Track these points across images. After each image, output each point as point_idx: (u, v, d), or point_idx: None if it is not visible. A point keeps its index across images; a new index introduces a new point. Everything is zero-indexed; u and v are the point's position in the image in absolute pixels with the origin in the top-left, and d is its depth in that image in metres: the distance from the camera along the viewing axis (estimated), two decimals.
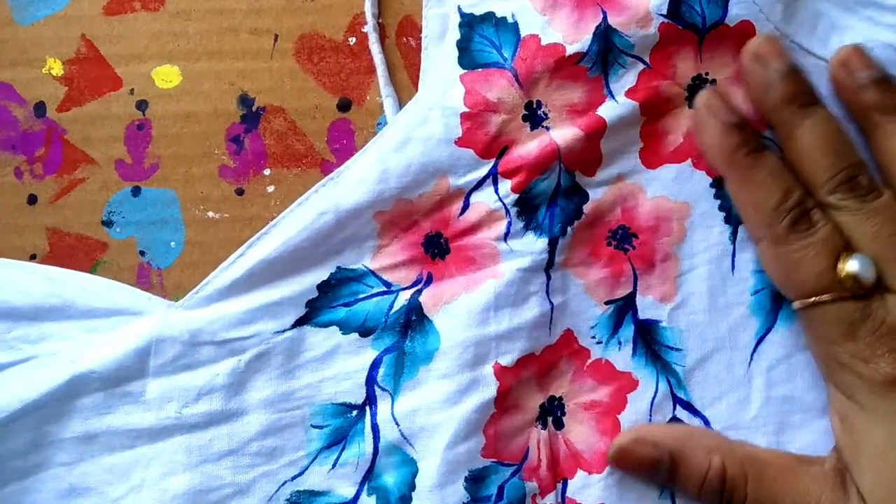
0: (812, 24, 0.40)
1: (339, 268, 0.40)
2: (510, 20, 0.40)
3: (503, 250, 0.40)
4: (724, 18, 0.39)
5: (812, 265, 0.37)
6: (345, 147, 0.42)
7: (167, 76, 0.42)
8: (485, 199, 0.40)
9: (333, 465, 0.40)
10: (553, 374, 0.40)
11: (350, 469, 0.40)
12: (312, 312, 0.40)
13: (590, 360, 0.40)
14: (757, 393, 0.40)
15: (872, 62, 0.38)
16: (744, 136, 0.38)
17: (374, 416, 0.40)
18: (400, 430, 0.39)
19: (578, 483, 0.40)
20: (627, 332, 0.40)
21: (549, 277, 0.40)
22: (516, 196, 0.40)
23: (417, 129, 0.40)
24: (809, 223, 0.37)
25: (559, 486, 0.40)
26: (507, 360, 0.39)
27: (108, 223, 0.42)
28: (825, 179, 0.37)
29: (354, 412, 0.40)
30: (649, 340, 0.40)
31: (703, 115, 0.39)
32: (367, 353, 0.40)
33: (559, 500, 0.40)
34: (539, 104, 0.40)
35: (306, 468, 0.40)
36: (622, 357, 0.40)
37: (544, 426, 0.40)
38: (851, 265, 0.36)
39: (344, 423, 0.40)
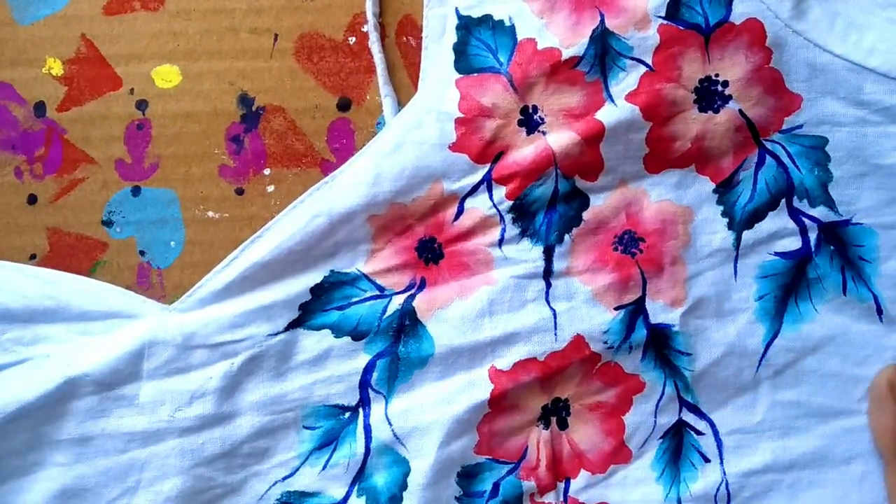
0: (829, 22, 0.40)
1: (332, 271, 0.40)
2: (507, 23, 0.39)
3: (497, 257, 0.40)
4: (729, 17, 0.39)
5: None
6: (344, 146, 0.42)
7: (167, 76, 0.42)
8: (479, 205, 0.40)
9: (324, 467, 0.40)
10: (560, 378, 0.40)
11: (340, 470, 0.40)
12: (305, 315, 0.40)
13: (599, 364, 0.40)
14: (763, 397, 0.40)
15: None
16: None
17: (367, 417, 0.40)
18: (392, 430, 0.40)
19: (581, 483, 0.40)
20: (640, 336, 0.40)
21: (549, 284, 0.40)
22: (511, 203, 0.39)
23: (412, 134, 0.39)
24: None
25: (561, 485, 0.40)
26: (503, 363, 0.39)
27: (108, 223, 0.42)
28: None
29: (347, 413, 0.40)
30: (661, 345, 0.40)
31: (882, 393, 0.38)
32: (360, 358, 0.40)
33: (561, 499, 0.40)
34: (535, 109, 0.39)
35: (297, 469, 0.40)
36: (631, 360, 0.40)
37: (546, 426, 0.40)
38: None
39: (336, 425, 0.40)
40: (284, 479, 0.40)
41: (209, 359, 0.39)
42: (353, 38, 0.42)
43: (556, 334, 0.40)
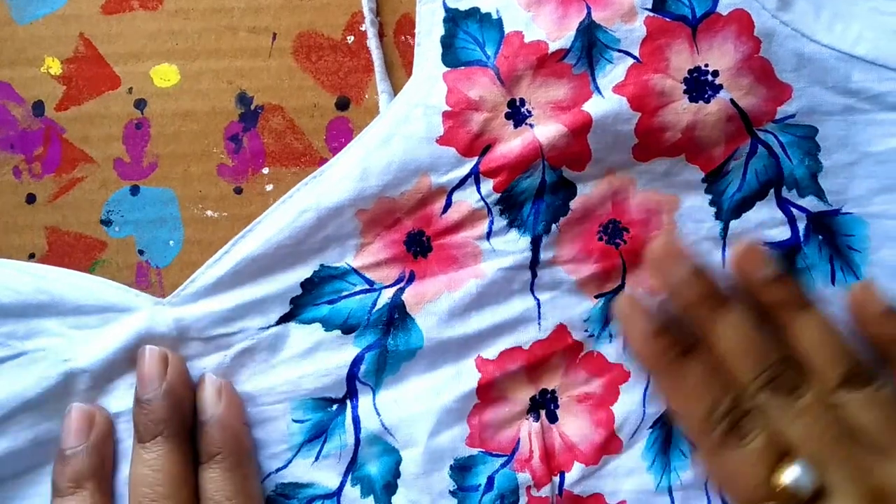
0: (814, 12, 0.40)
1: (322, 265, 0.40)
2: (494, 16, 0.39)
3: (485, 249, 0.40)
4: (716, 7, 0.39)
5: (748, 477, 0.34)
6: (343, 145, 0.42)
7: (165, 75, 0.42)
8: (467, 198, 0.40)
9: (317, 458, 0.40)
10: (545, 368, 0.40)
11: (333, 461, 0.40)
12: (296, 309, 0.40)
13: (582, 353, 0.40)
14: None
15: (769, 258, 0.37)
16: (668, 339, 0.36)
17: (354, 408, 0.40)
18: (381, 421, 0.40)
19: (575, 475, 0.40)
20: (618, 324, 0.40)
21: (534, 275, 0.40)
22: (498, 195, 0.40)
23: (400, 127, 0.40)
24: (742, 433, 0.34)
25: (556, 479, 0.40)
26: (489, 353, 0.40)
27: (106, 222, 0.42)
28: (749, 380, 0.35)
29: (335, 406, 0.40)
30: None
31: (624, 322, 0.37)
32: (349, 350, 0.40)
33: (556, 492, 0.40)
34: (522, 102, 0.39)
35: (290, 461, 0.40)
36: (613, 349, 0.40)
37: (536, 419, 0.40)
38: (787, 476, 0.33)
39: (324, 417, 0.40)
40: (278, 470, 0.40)
41: (203, 351, 0.40)
42: (352, 37, 0.42)
43: (539, 324, 0.40)
